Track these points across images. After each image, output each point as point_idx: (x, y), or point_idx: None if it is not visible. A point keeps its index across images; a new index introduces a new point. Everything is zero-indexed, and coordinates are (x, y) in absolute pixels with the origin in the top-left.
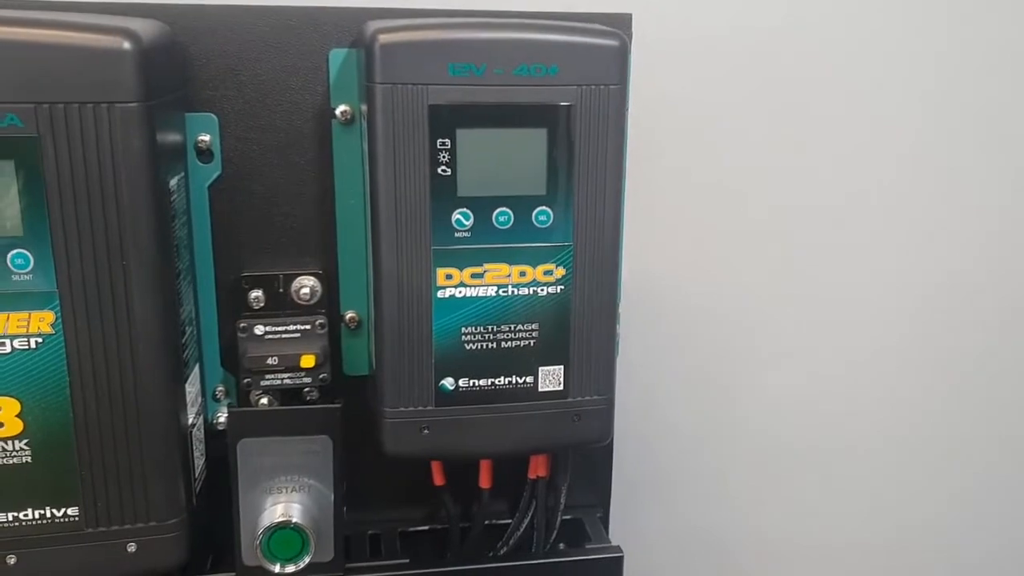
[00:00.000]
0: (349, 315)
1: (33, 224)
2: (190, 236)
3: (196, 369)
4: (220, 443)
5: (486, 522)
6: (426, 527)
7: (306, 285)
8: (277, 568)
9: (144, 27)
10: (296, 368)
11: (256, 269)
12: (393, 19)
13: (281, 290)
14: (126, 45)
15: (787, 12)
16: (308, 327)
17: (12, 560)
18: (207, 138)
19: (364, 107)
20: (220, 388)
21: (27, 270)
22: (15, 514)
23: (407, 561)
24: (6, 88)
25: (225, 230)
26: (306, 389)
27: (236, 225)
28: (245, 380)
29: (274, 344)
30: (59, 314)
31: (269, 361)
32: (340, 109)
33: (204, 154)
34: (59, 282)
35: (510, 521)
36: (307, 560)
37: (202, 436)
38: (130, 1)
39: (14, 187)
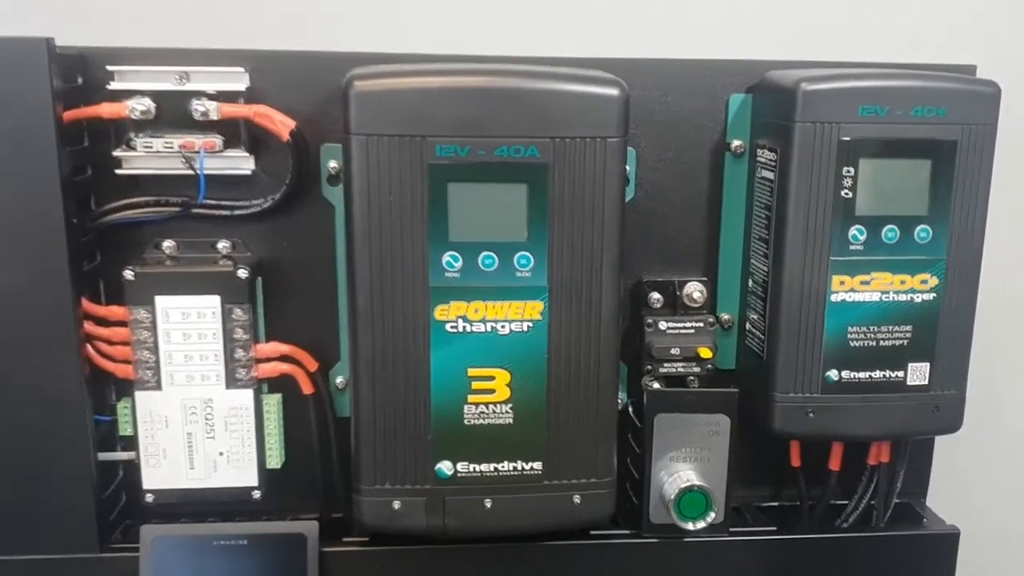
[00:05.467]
0: (724, 317)
1: (535, 232)
2: None
3: None
4: None
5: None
6: (776, 503)
7: (697, 289)
8: (689, 525)
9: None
10: (693, 358)
11: (655, 275)
12: (793, 68)
13: (676, 293)
14: (617, 93)
15: None
16: (701, 324)
17: (488, 503)
18: (628, 168)
19: (760, 141)
20: None
21: (527, 268)
22: (495, 465)
23: (774, 528)
24: (530, 126)
25: (632, 242)
26: (689, 377)
27: (642, 238)
28: (648, 367)
29: (675, 338)
30: (547, 304)
31: (672, 351)
32: (735, 144)
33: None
34: (550, 278)
35: (844, 502)
36: (711, 518)
37: None
38: (585, 56)
39: (525, 203)
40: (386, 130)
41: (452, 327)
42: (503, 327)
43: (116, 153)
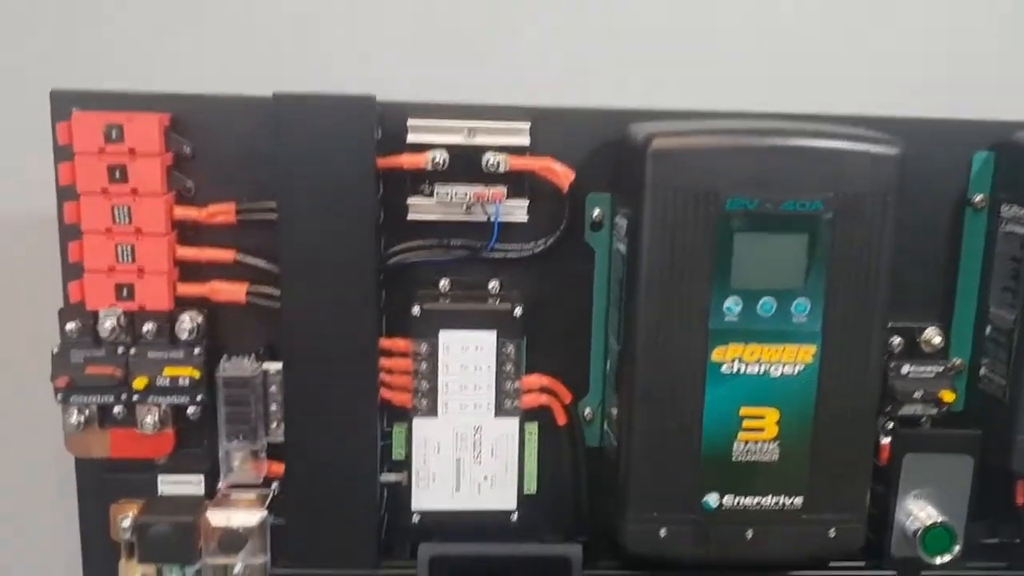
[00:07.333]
0: (957, 361)
1: (813, 280)
2: None
3: None
4: None
5: None
6: (995, 540)
7: (936, 335)
8: (937, 560)
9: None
10: (933, 401)
11: (895, 321)
12: None
13: (916, 339)
14: (896, 152)
15: None
16: (941, 369)
17: (749, 534)
18: None
19: (1006, 196)
20: None
21: (803, 314)
22: (759, 499)
23: (1006, 564)
24: (815, 182)
25: None
26: (923, 419)
27: None
28: (887, 408)
29: (918, 381)
30: (820, 348)
31: (915, 394)
32: (977, 198)
33: None
34: (824, 324)
35: None
36: (955, 552)
37: None
38: (845, 113)
39: (805, 253)
40: (680, 184)
41: (728, 368)
42: (776, 369)
43: (410, 200)
